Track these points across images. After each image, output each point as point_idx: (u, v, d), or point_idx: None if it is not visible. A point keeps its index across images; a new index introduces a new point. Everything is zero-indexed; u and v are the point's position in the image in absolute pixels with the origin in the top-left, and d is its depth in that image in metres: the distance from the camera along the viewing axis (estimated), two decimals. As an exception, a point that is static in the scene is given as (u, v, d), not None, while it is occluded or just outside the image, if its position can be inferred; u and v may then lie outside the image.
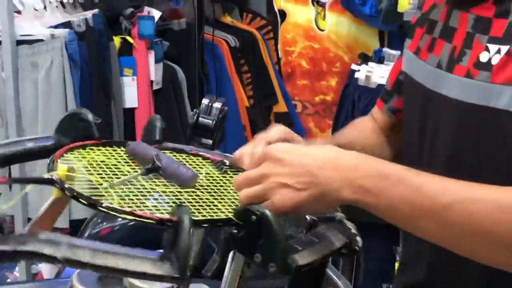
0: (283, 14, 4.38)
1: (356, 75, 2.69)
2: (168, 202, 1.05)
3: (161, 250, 0.95)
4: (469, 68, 1.20)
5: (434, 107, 1.28)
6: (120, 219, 1.14)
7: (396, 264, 2.41)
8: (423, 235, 1.02)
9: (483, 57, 1.18)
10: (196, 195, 1.08)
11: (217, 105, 1.29)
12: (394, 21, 3.66)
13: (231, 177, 1.19)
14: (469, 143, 1.20)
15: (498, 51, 1.16)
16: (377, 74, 2.66)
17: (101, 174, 1.10)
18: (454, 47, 1.25)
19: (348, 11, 4.16)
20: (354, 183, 0.98)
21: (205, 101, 1.30)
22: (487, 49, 1.18)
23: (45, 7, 2.91)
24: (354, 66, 2.76)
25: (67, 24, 2.87)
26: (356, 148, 1.25)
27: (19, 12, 2.84)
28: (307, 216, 1.01)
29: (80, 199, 0.96)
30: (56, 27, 2.87)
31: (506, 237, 0.96)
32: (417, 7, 1.43)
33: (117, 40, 2.94)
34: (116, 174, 1.10)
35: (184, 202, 1.06)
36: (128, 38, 2.95)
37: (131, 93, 2.97)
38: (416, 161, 1.30)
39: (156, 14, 2.98)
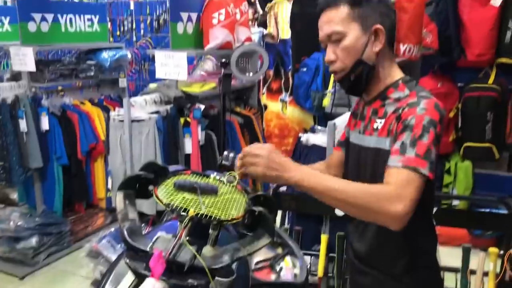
0: (265, 106, 4.52)
1: (301, 139, 2.68)
2: (220, 206, 1.06)
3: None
4: (370, 132, 1.29)
5: (361, 152, 1.33)
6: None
7: (322, 236, 2.36)
8: (326, 201, 1.12)
9: (375, 126, 1.27)
10: (222, 200, 1.10)
11: (232, 154, 1.28)
12: (321, 111, 3.77)
13: (233, 186, 1.18)
14: (376, 165, 1.25)
15: (381, 122, 1.25)
16: (312, 139, 2.65)
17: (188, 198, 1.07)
18: (365, 124, 1.33)
19: (298, 105, 4.23)
20: (297, 177, 1.11)
21: (225, 152, 1.29)
22: (376, 122, 1.27)
23: (146, 103, 2.94)
24: (300, 134, 2.77)
25: (157, 112, 2.90)
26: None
27: (133, 105, 2.87)
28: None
29: (204, 220, 0.97)
30: (151, 113, 2.89)
31: (356, 204, 1.09)
32: (352, 109, 1.47)
33: (182, 120, 2.95)
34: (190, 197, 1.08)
35: (223, 204, 1.07)
36: (188, 119, 2.95)
37: (188, 146, 2.94)
38: (355, 177, 1.31)
39: (202, 107, 2.98)
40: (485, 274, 1.97)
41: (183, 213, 0.99)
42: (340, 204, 1.11)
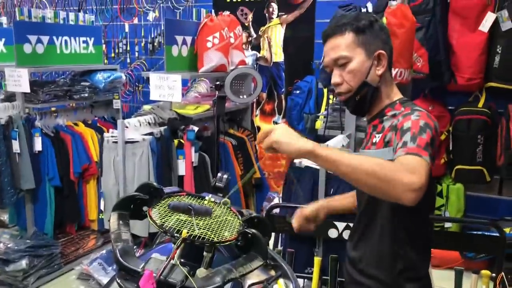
0: (258, 128, 4.52)
1: (294, 161, 2.65)
2: (213, 228, 1.07)
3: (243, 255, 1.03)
4: (369, 146, 1.39)
5: None
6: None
7: (315, 258, 2.32)
8: (338, 172, 1.12)
9: (374, 140, 1.37)
10: (216, 222, 1.11)
11: (226, 176, 1.31)
12: (313, 133, 3.72)
13: (227, 208, 1.20)
14: None
15: (378, 137, 1.34)
16: (305, 161, 2.58)
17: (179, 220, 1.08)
18: (367, 139, 1.43)
19: (291, 127, 4.30)
20: (312, 144, 1.13)
21: (219, 173, 1.31)
22: (375, 137, 1.36)
23: (140, 125, 2.90)
24: (293, 156, 2.77)
25: (151, 133, 2.84)
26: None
27: (127, 127, 2.79)
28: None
29: (197, 242, 0.99)
30: (145, 134, 2.85)
31: (372, 172, 1.08)
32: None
33: (176, 141, 2.89)
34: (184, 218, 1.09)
35: (217, 226, 1.08)
36: (181, 140, 2.90)
37: (182, 167, 2.89)
38: (358, 192, 1.44)
39: (195, 128, 2.95)
40: (478, 296, 1.96)
41: (177, 235, 1.00)
42: (354, 172, 1.11)
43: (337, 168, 1.12)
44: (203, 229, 1.05)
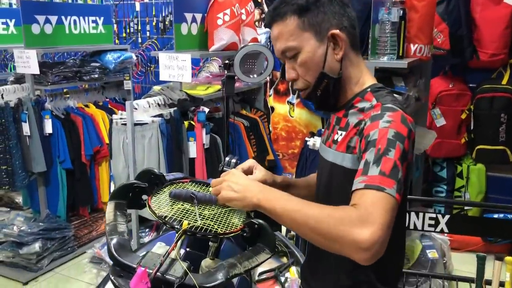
0: (272, 108, 4.46)
1: (308, 143, 2.62)
2: (217, 218, 1.02)
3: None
4: (330, 143, 1.18)
5: (322, 163, 1.24)
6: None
7: None
8: (288, 227, 1.00)
9: (335, 138, 1.16)
10: (221, 211, 1.07)
11: (234, 160, 1.26)
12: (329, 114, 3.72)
13: None
14: (330, 179, 1.18)
15: (341, 134, 1.14)
16: (318, 142, 2.41)
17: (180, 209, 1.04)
18: (328, 133, 1.22)
19: (305, 107, 4.22)
20: (258, 197, 1.00)
21: (227, 157, 1.26)
22: (337, 133, 1.15)
23: (149, 106, 2.85)
24: (307, 138, 2.69)
25: (160, 115, 2.78)
26: (300, 184, 1.42)
27: (136, 109, 2.75)
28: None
29: (198, 234, 0.95)
30: (154, 116, 2.79)
31: (318, 229, 0.93)
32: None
33: (186, 123, 2.85)
34: (185, 207, 1.05)
35: (224, 216, 1.04)
36: (192, 122, 2.86)
37: (193, 150, 2.84)
38: (316, 188, 1.29)
39: (206, 110, 2.90)
40: (501, 284, 1.88)
41: (177, 226, 0.94)
42: (301, 228, 0.96)
43: (284, 223, 0.99)
44: (206, 219, 0.99)
